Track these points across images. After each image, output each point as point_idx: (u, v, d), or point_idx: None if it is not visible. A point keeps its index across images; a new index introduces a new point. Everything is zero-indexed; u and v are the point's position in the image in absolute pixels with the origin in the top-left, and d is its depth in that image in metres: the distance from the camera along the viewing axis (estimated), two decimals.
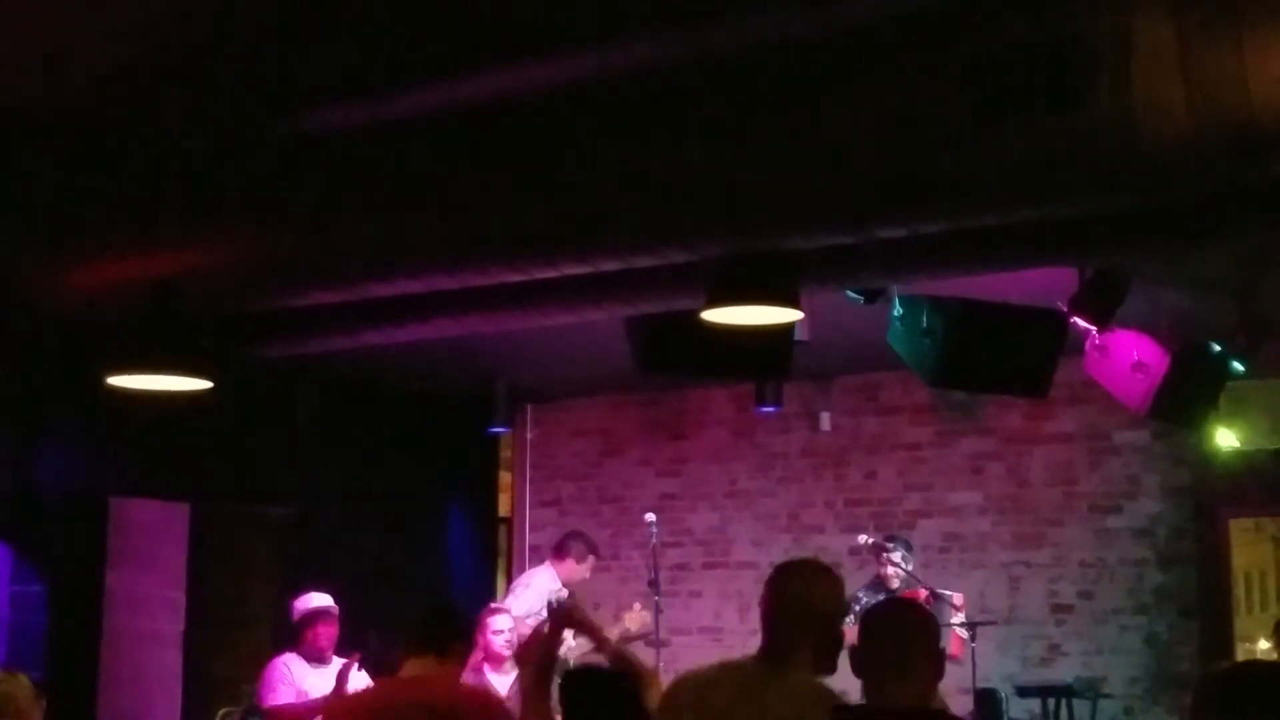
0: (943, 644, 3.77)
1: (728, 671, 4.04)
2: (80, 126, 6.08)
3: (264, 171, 6.15)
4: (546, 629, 5.19)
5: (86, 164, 6.40)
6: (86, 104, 5.88)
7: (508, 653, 8.40)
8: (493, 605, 8.96)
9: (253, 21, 5.16)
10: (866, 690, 3.63)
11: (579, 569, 9.45)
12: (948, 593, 9.13)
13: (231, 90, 5.70)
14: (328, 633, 7.80)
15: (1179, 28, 4.34)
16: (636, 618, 9.03)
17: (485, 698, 5.40)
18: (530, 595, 9.32)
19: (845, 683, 3.79)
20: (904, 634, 3.63)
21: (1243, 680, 4.13)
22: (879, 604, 3.89)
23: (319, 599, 7.89)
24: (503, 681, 8.28)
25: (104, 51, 5.37)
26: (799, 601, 3.87)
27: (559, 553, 9.51)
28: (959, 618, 9.06)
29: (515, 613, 8.76)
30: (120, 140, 6.10)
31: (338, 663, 7.77)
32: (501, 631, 8.37)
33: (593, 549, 9.58)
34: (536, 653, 5.03)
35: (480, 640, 8.44)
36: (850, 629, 9.50)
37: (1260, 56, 4.24)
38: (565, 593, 9.14)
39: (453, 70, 5.41)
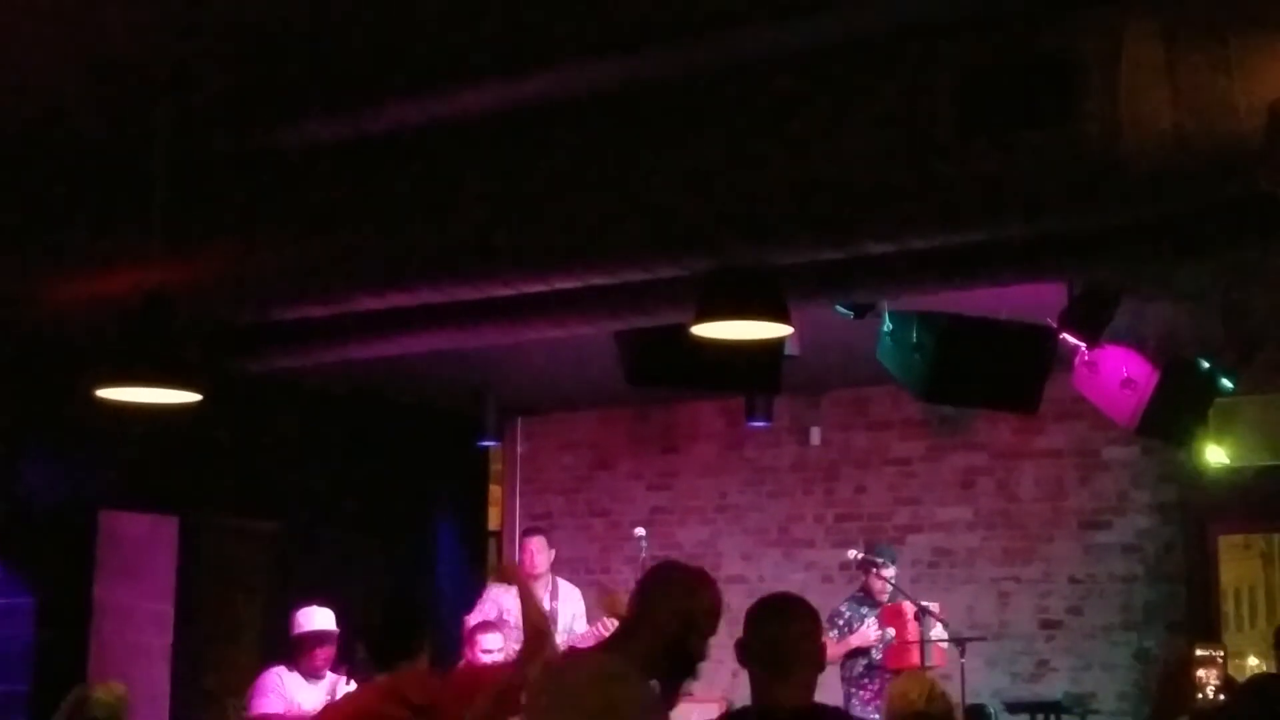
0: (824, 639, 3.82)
1: (568, 657, 4.13)
2: (68, 140, 6.07)
3: (252, 185, 6.15)
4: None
5: (74, 177, 6.40)
6: (74, 117, 5.87)
7: None
8: (484, 621, 8.92)
9: (242, 35, 5.16)
10: (754, 686, 3.69)
11: (524, 556, 9.54)
12: (931, 604, 9.13)
13: (220, 104, 5.70)
14: (326, 654, 7.74)
15: (1167, 45, 4.35)
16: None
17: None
18: (488, 605, 9.36)
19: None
20: (789, 630, 3.68)
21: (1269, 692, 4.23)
22: (763, 599, 3.90)
23: (322, 619, 7.80)
24: None
25: (92, 65, 5.37)
26: (655, 596, 3.90)
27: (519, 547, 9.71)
28: (939, 630, 9.06)
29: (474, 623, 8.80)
30: (108, 154, 6.10)
31: (331, 678, 7.75)
32: (491, 651, 8.34)
33: (528, 532, 9.74)
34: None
35: (469, 655, 8.43)
36: (834, 644, 9.50)
37: (1247, 74, 4.26)
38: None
39: (441, 84, 5.41)
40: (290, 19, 5.05)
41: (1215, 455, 9.48)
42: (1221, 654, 6.30)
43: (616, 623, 9.37)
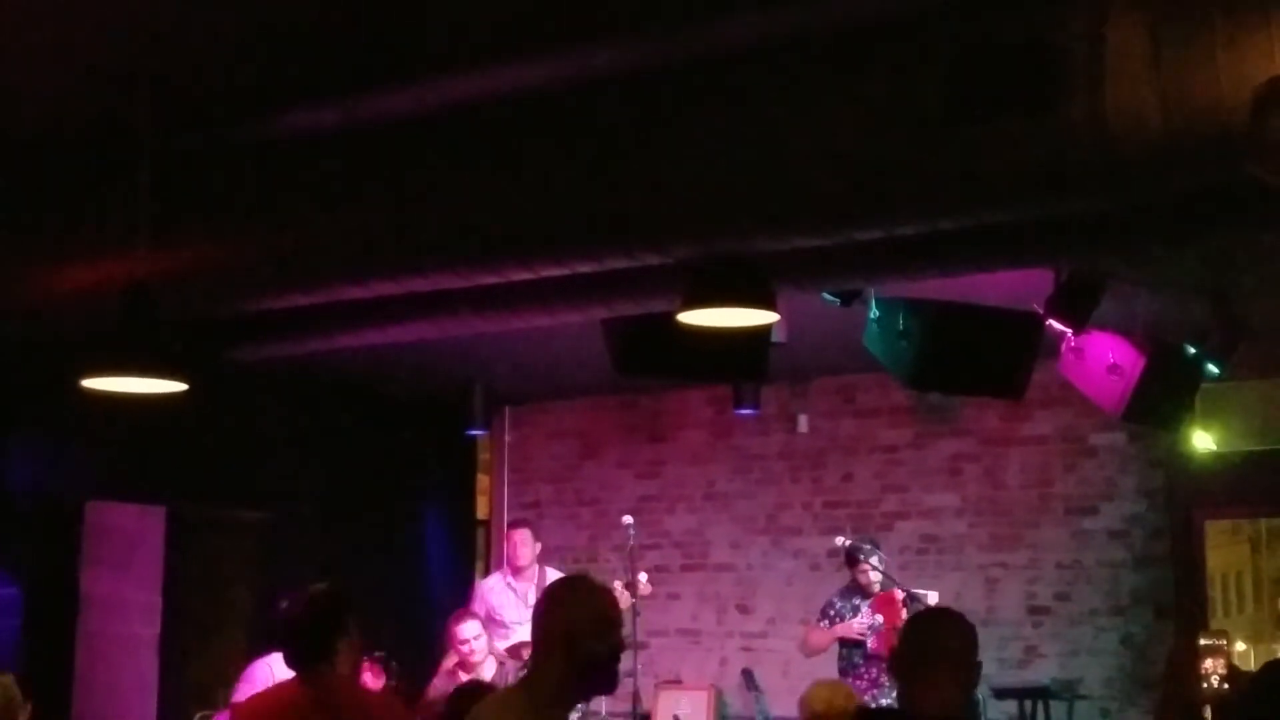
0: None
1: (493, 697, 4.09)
2: (51, 129, 6.05)
3: (238, 174, 6.14)
4: None
5: (58, 169, 6.38)
6: (58, 107, 5.86)
7: (478, 659, 8.43)
8: (460, 610, 8.96)
9: (226, 23, 5.15)
10: (898, 694, 3.76)
11: (510, 548, 9.49)
12: (922, 592, 9.15)
13: (204, 92, 5.69)
14: None
15: (1152, 31, 4.35)
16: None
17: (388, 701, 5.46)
18: (477, 604, 9.42)
19: None
20: (932, 641, 3.73)
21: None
22: (918, 612, 3.96)
23: None
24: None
25: (75, 53, 5.35)
26: (542, 624, 3.79)
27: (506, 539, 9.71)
28: None
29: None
30: (92, 145, 6.08)
31: None
32: (467, 640, 8.41)
33: (514, 523, 9.74)
34: None
35: (451, 647, 8.48)
36: (823, 632, 9.54)
37: (1232, 60, 4.26)
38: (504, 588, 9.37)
39: (425, 72, 5.41)
40: (273, 10, 5.04)
41: (1202, 441, 9.54)
42: (1225, 642, 6.31)
43: None
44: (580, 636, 3.69)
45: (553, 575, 9.43)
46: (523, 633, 9.10)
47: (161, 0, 4.97)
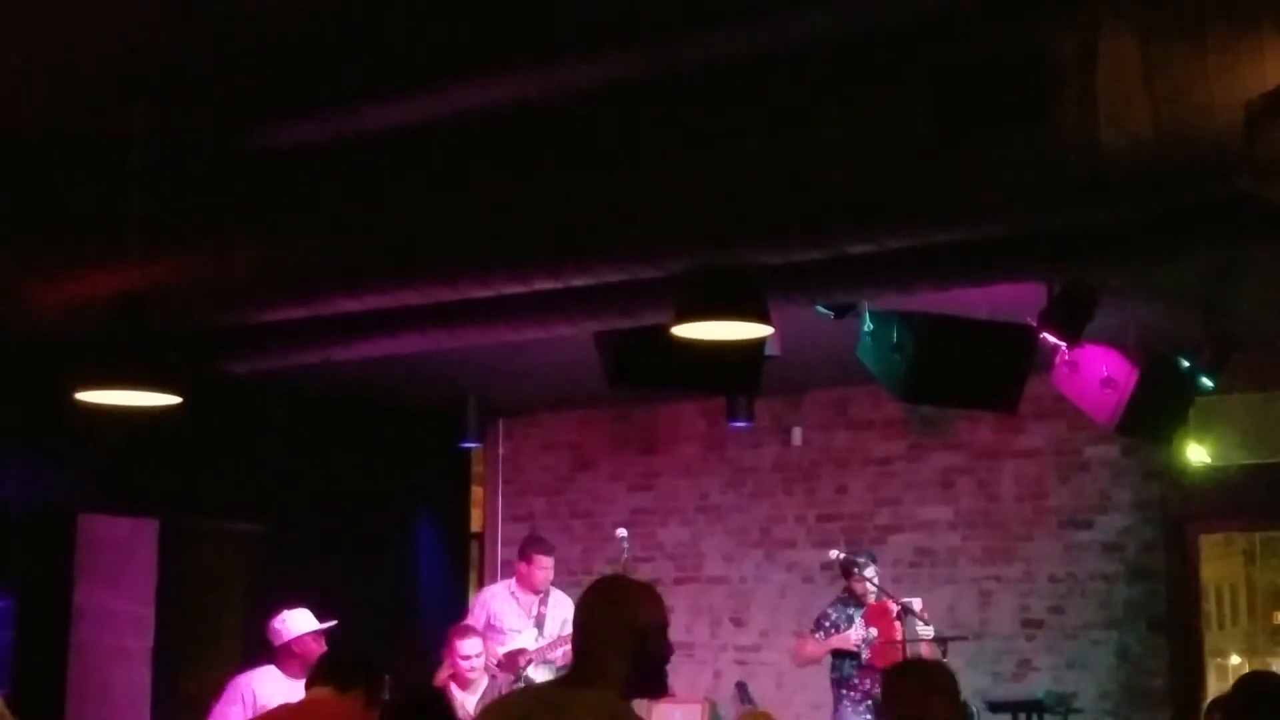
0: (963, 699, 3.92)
1: (529, 694, 4.02)
2: (45, 141, 6.05)
3: (231, 187, 6.14)
4: None
5: (51, 179, 6.37)
6: (51, 118, 5.86)
7: (474, 676, 8.40)
8: (464, 624, 8.92)
9: (219, 36, 5.15)
10: None
11: (536, 571, 9.44)
12: (910, 600, 9.16)
13: (198, 105, 5.68)
14: (319, 652, 7.73)
15: (1144, 45, 4.37)
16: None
17: None
18: (478, 611, 9.38)
19: None
20: (920, 695, 3.94)
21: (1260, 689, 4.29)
22: (903, 665, 4.01)
23: (306, 620, 7.79)
24: (469, 700, 8.27)
25: (69, 65, 5.35)
26: (605, 618, 3.64)
27: (520, 558, 9.58)
28: (927, 629, 9.09)
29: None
30: (86, 155, 6.07)
31: None
32: (469, 656, 8.36)
33: (541, 548, 9.59)
34: None
35: (448, 660, 8.44)
36: (818, 643, 9.52)
37: (1223, 74, 4.27)
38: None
39: (419, 86, 5.41)
40: (269, 20, 5.04)
41: (1196, 454, 9.54)
42: None
43: None
44: (649, 635, 3.61)
45: (557, 592, 9.41)
46: (520, 640, 9.10)
47: (158, 10, 4.97)
